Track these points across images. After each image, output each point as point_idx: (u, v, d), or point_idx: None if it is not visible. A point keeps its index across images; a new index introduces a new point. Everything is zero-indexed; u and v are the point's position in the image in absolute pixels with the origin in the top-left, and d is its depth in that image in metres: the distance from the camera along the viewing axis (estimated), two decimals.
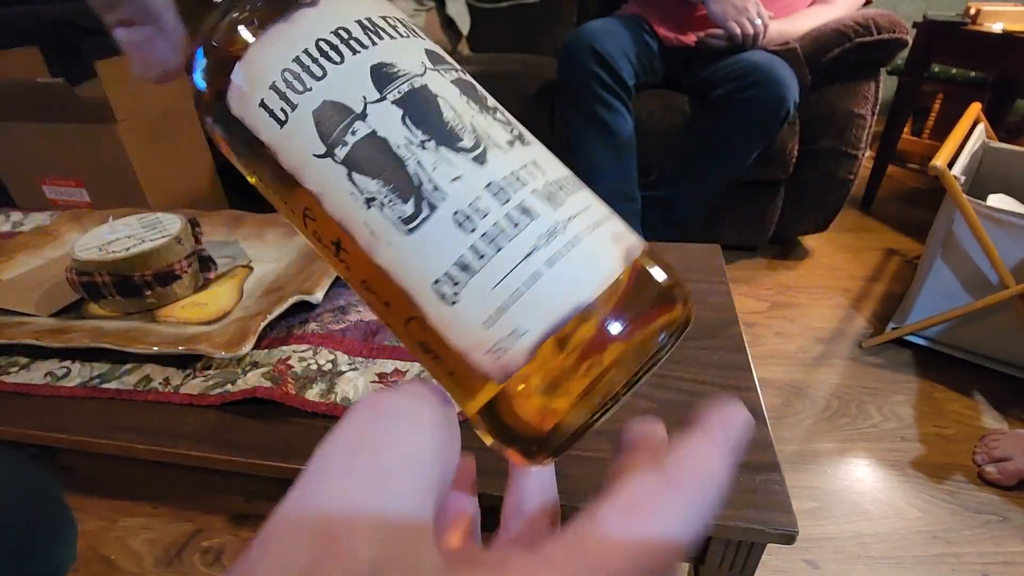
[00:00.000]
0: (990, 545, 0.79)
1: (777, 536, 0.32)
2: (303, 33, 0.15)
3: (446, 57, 0.17)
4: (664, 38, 1.30)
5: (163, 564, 0.81)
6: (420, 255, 0.14)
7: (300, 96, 0.15)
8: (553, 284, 0.14)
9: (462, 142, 0.15)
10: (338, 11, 0.16)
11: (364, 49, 0.15)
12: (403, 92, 0.15)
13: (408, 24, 0.17)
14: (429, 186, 0.14)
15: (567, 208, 0.15)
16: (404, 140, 0.15)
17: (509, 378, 0.14)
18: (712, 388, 0.42)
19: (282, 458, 0.38)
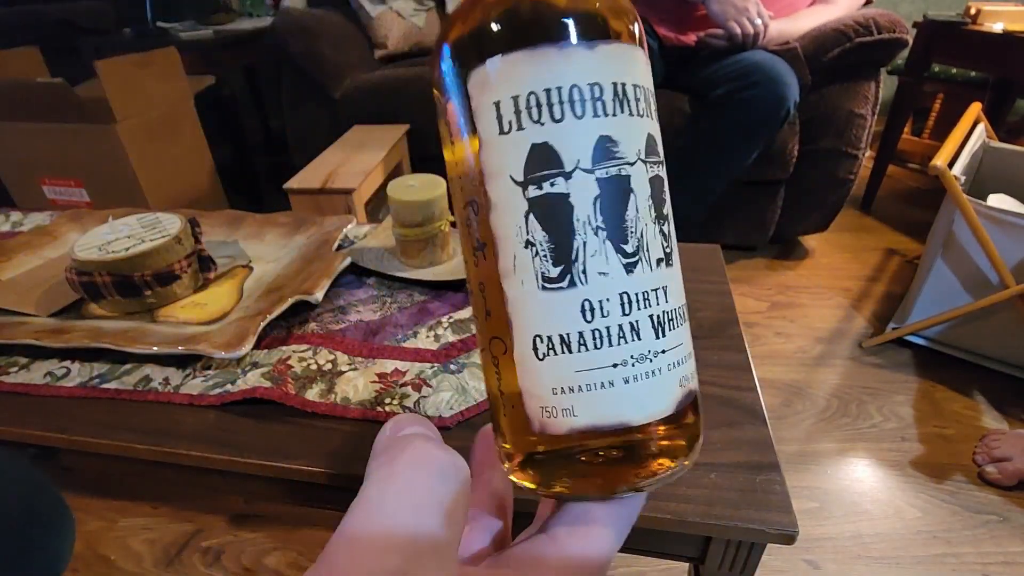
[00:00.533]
0: (990, 545, 0.79)
1: (777, 536, 0.32)
2: (567, 71, 0.15)
3: (658, 145, 0.17)
4: (664, 38, 1.30)
5: (163, 564, 0.81)
6: (539, 310, 0.16)
7: (531, 124, 0.15)
8: (617, 396, 0.16)
9: (626, 245, 0.16)
10: (603, 65, 0.16)
11: (603, 116, 0.15)
12: (609, 174, 0.15)
13: (648, 98, 0.17)
14: (580, 267, 0.16)
15: (665, 341, 0.16)
16: (586, 217, 0.15)
17: (544, 435, 0.17)
18: (712, 388, 0.42)
19: (282, 458, 0.38)
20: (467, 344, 0.47)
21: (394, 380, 0.44)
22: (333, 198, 1.04)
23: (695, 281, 0.56)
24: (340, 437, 0.39)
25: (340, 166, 1.12)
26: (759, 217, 1.42)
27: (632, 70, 0.16)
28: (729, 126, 1.20)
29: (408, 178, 0.58)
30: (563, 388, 0.16)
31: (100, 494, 0.91)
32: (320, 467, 0.37)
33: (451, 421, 0.40)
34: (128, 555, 0.82)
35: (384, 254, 0.61)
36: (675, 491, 0.34)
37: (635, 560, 0.79)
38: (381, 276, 0.58)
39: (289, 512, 0.87)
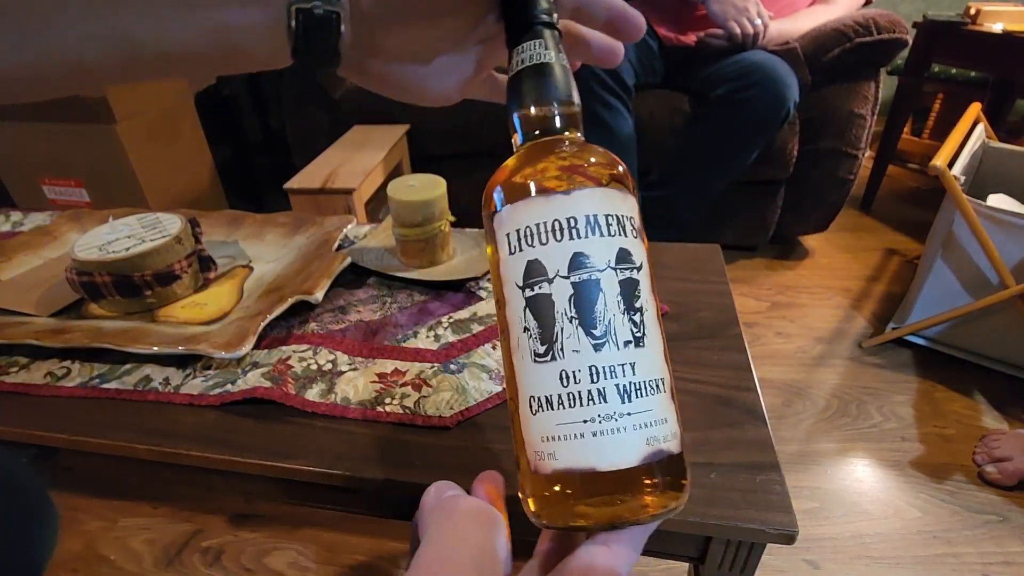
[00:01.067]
0: (990, 545, 0.79)
1: (777, 536, 0.32)
2: (549, 209, 0.22)
3: (631, 255, 0.22)
4: (664, 38, 1.30)
5: (163, 564, 0.81)
6: (532, 376, 0.22)
7: (526, 247, 0.22)
8: (586, 446, 0.20)
9: (595, 331, 0.21)
10: (576, 203, 0.22)
11: (577, 239, 0.21)
12: (582, 279, 0.21)
13: (623, 221, 0.22)
14: (558, 346, 0.21)
15: (632, 405, 0.21)
16: (563, 309, 0.21)
17: (535, 473, 0.22)
18: (713, 388, 0.42)
19: (282, 458, 0.38)
20: (467, 344, 0.47)
21: (394, 380, 0.44)
22: (333, 198, 1.04)
23: (695, 281, 0.56)
24: (340, 437, 0.39)
25: (340, 166, 1.12)
26: (759, 217, 1.42)
27: (604, 204, 0.22)
28: (729, 126, 1.20)
29: (408, 178, 0.58)
30: (548, 437, 0.21)
31: (100, 494, 0.91)
32: (320, 467, 0.37)
33: (451, 421, 0.40)
34: (128, 555, 0.82)
35: (384, 254, 0.61)
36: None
37: None
38: (381, 276, 0.58)
39: (289, 512, 0.87)
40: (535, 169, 0.23)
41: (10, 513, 0.37)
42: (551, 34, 0.24)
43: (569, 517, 0.21)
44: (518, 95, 0.24)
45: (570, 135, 0.25)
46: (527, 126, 0.25)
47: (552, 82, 0.24)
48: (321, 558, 0.81)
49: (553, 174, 0.22)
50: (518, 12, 0.24)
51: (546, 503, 0.21)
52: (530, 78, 0.24)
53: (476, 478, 0.25)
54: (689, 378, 0.43)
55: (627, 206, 0.23)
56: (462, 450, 0.38)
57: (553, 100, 0.24)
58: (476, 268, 0.57)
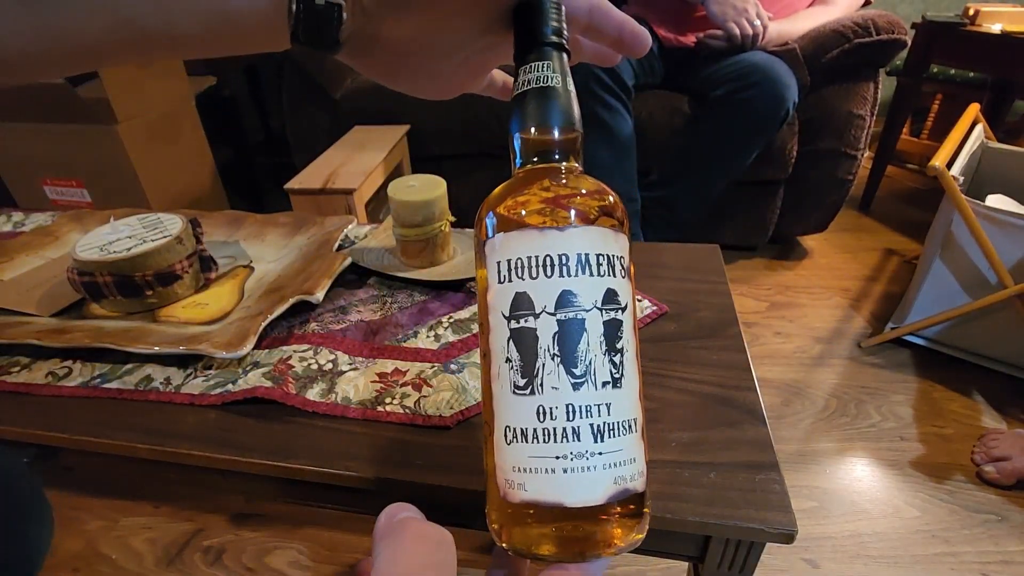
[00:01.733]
0: (989, 544, 0.80)
1: (776, 535, 0.32)
2: (542, 244, 0.22)
3: (619, 296, 0.22)
4: (664, 39, 1.30)
5: (164, 563, 0.81)
6: (509, 406, 0.22)
7: (516, 279, 0.22)
8: (556, 481, 0.21)
9: (575, 369, 0.21)
10: (568, 241, 0.22)
11: (566, 276, 0.21)
12: (567, 317, 0.21)
13: (613, 262, 0.22)
14: (539, 381, 0.21)
15: (604, 445, 0.21)
16: (546, 346, 0.21)
17: (504, 500, 0.22)
18: (712, 388, 0.42)
19: (283, 458, 0.38)
20: (467, 344, 0.48)
21: (394, 380, 0.44)
22: (334, 198, 1.04)
23: (695, 281, 0.56)
24: (341, 437, 0.40)
25: (341, 166, 1.12)
26: (758, 217, 1.43)
27: (597, 244, 0.22)
28: (728, 127, 1.20)
29: (408, 178, 0.58)
30: (519, 468, 0.21)
31: (101, 494, 0.91)
32: (321, 466, 0.37)
33: (451, 421, 0.40)
34: (129, 554, 0.82)
35: (384, 254, 0.61)
36: (675, 491, 0.34)
37: (635, 559, 0.79)
38: (381, 276, 0.58)
39: (290, 511, 0.87)
40: (531, 198, 0.23)
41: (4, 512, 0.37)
42: (559, 56, 0.24)
43: (533, 545, 0.21)
44: (520, 117, 0.24)
45: (568, 164, 0.24)
46: (526, 149, 0.24)
47: (555, 108, 0.24)
48: (322, 557, 0.81)
49: (549, 207, 0.22)
50: (528, 29, 0.24)
51: (512, 529, 0.22)
52: (533, 101, 0.24)
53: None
54: (688, 378, 0.43)
55: (618, 245, 0.23)
56: (462, 450, 0.38)
57: (555, 126, 0.24)
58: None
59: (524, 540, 0.22)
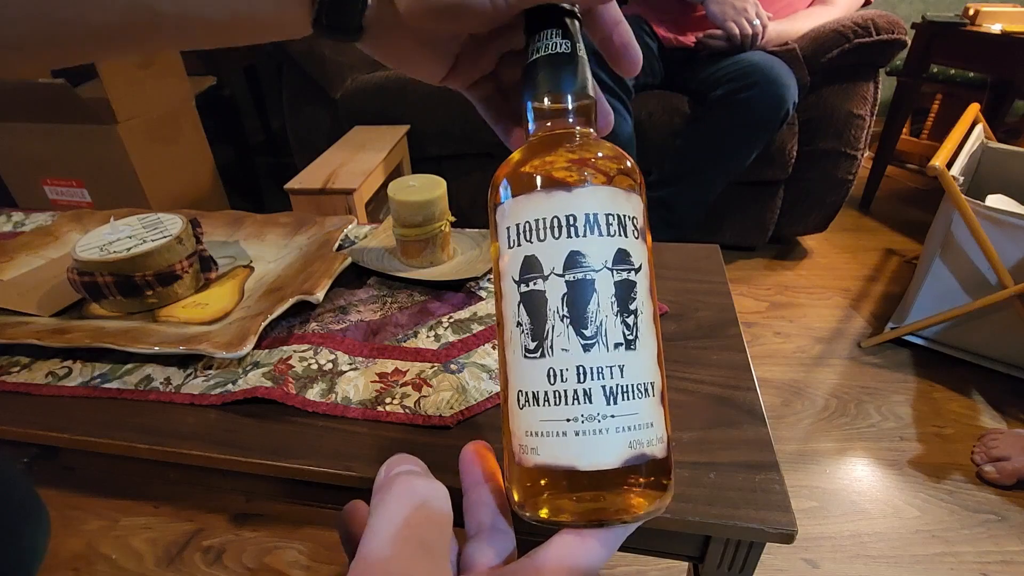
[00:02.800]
0: (988, 544, 0.80)
1: (776, 535, 0.32)
2: (549, 206, 0.21)
3: (631, 257, 0.22)
4: (663, 39, 1.31)
5: (164, 563, 0.81)
6: (521, 370, 0.22)
7: (525, 242, 0.22)
8: (567, 444, 0.20)
9: (585, 330, 0.21)
10: (577, 201, 0.21)
11: (575, 237, 0.21)
12: (576, 278, 0.21)
13: (624, 221, 0.22)
14: (548, 343, 0.21)
15: (616, 408, 0.21)
16: (555, 307, 0.21)
17: (519, 465, 0.22)
18: (712, 388, 0.42)
19: (283, 458, 0.38)
20: (467, 344, 0.48)
21: (394, 380, 0.44)
22: (334, 198, 1.04)
23: (695, 281, 0.56)
24: (341, 436, 0.40)
25: (341, 166, 1.12)
26: (758, 217, 1.43)
27: (606, 203, 0.22)
28: (728, 127, 1.20)
29: (408, 178, 0.58)
30: (532, 432, 0.21)
31: (101, 493, 0.91)
32: (321, 466, 0.37)
33: (451, 420, 0.40)
34: (129, 554, 0.83)
35: (384, 254, 0.61)
36: (675, 491, 0.34)
37: (635, 559, 0.79)
38: (381, 276, 0.58)
39: (290, 511, 0.87)
40: (541, 162, 0.23)
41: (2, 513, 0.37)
42: (571, 23, 0.23)
43: (550, 511, 0.21)
44: (532, 84, 0.24)
45: (582, 129, 0.24)
46: (539, 116, 0.24)
47: (568, 73, 0.23)
48: (322, 557, 0.81)
49: (557, 168, 0.22)
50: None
51: (529, 495, 0.22)
52: (546, 67, 0.23)
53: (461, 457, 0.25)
54: (689, 378, 0.43)
55: (631, 205, 0.22)
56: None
57: (567, 92, 0.23)
58: (476, 268, 0.57)
59: (540, 506, 0.21)
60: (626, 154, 0.24)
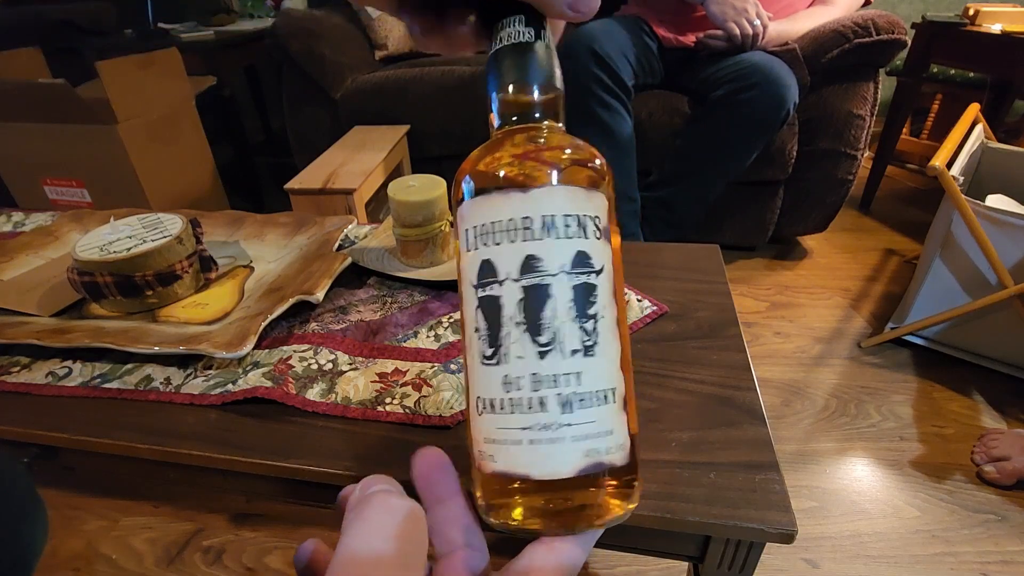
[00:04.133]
0: (989, 544, 0.80)
1: (776, 535, 0.32)
2: (505, 208, 0.21)
3: (590, 259, 0.21)
4: (663, 39, 1.30)
5: (164, 563, 0.81)
6: (479, 377, 0.21)
7: (481, 246, 0.21)
8: (522, 453, 0.20)
9: (540, 337, 0.20)
10: (534, 202, 0.21)
11: (530, 240, 0.20)
12: (531, 283, 0.20)
13: (584, 222, 0.21)
14: (504, 350, 0.20)
15: (572, 416, 0.20)
16: (511, 314, 0.20)
17: (479, 471, 0.22)
18: (712, 388, 0.42)
19: (283, 458, 0.38)
20: None
21: (394, 380, 0.44)
22: (334, 198, 1.04)
23: (694, 281, 0.56)
24: (341, 437, 0.40)
25: (341, 166, 1.12)
26: (758, 217, 1.43)
27: (565, 204, 0.21)
28: (728, 127, 1.20)
29: (408, 178, 0.58)
30: (489, 439, 0.21)
31: (101, 493, 0.91)
32: (321, 466, 0.37)
33: (451, 420, 0.40)
34: (129, 554, 0.82)
35: (384, 254, 0.61)
36: (675, 491, 0.34)
37: (635, 559, 0.79)
38: (381, 276, 0.58)
39: (290, 511, 0.87)
40: (497, 160, 0.22)
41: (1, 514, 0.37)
42: (534, 12, 0.22)
43: (515, 517, 0.21)
44: (497, 75, 0.23)
45: (549, 123, 0.23)
46: (503, 109, 0.23)
47: (534, 64, 0.22)
48: None
49: (515, 167, 0.21)
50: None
51: (492, 501, 0.21)
52: (510, 57, 0.22)
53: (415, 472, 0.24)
54: (688, 378, 0.43)
55: (593, 205, 0.21)
56: (462, 450, 0.38)
57: (532, 84, 0.22)
58: None
59: (506, 513, 0.21)
60: (593, 149, 0.23)
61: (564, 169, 0.21)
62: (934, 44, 1.51)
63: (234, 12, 2.17)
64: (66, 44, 1.69)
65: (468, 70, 1.39)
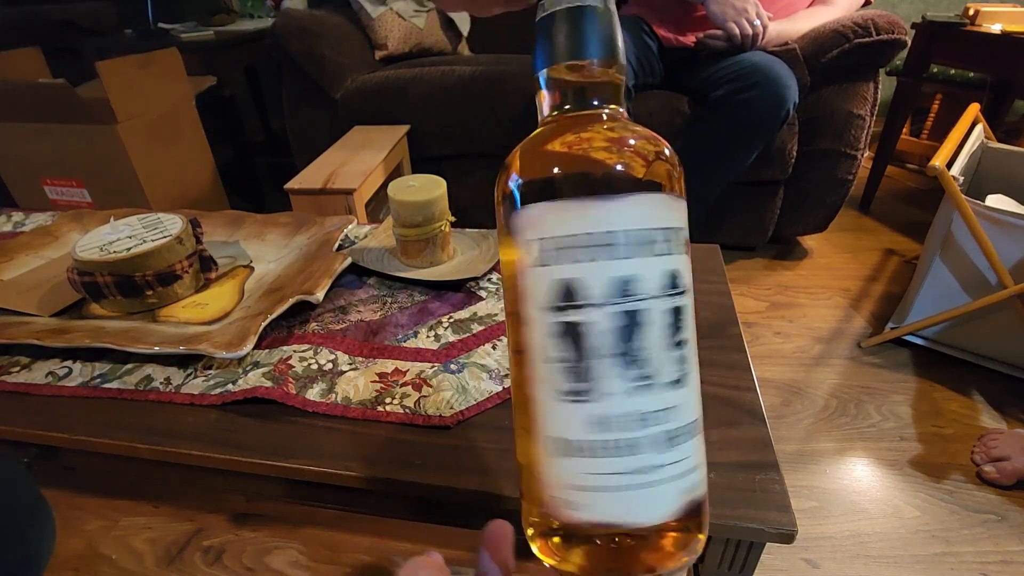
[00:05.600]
0: (988, 544, 0.80)
1: (776, 535, 0.32)
2: (586, 219, 0.17)
3: (680, 278, 0.18)
4: (663, 39, 1.30)
5: (164, 563, 0.81)
6: (555, 414, 0.18)
7: (556, 264, 0.17)
8: (616, 501, 0.17)
9: (637, 370, 0.17)
10: (623, 215, 0.17)
11: (620, 259, 0.17)
12: (624, 309, 0.17)
13: (670, 236, 0.18)
14: (591, 385, 0.17)
15: (669, 455, 0.18)
16: (600, 343, 0.17)
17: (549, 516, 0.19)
18: (712, 388, 0.42)
19: (282, 458, 0.38)
20: (467, 344, 0.48)
21: (394, 380, 0.44)
22: (334, 198, 1.04)
23: (695, 281, 0.56)
24: (341, 436, 0.40)
25: (341, 166, 1.12)
26: (758, 217, 1.43)
27: (654, 216, 0.18)
28: (728, 127, 1.20)
29: (408, 178, 0.58)
30: (571, 485, 0.18)
31: (101, 493, 0.91)
32: (321, 466, 0.37)
33: (451, 420, 0.40)
34: (129, 554, 0.82)
35: (384, 254, 0.61)
36: None
37: None
38: (382, 276, 0.58)
39: (290, 511, 0.87)
40: (568, 156, 0.18)
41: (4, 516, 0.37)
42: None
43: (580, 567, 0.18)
44: (548, 47, 0.19)
45: (610, 109, 0.19)
46: (556, 89, 0.19)
47: (594, 32, 0.18)
48: (322, 557, 0.81)
49: (594, 168, 0.18)
50: None
51: (557, 550, 0.19)
52: (566, 24, 0.18)
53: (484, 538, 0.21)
54: None
55: (678, 215, 0.19)
56: (462, 450, 0.38)
57: (594, 57, 0.18)
58: (476, 268, 0.57)
59: (571, 561, 0.18)
60: (664, 141, 0.19)
61: (650, 172, 0.18)
62: (934, 44, 1.51)
63: (234, 12, 2.17)
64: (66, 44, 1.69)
65: (468, 70, 1.39)
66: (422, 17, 1.66)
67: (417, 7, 1.65)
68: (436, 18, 1.70)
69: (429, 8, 1.67)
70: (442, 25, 1.71)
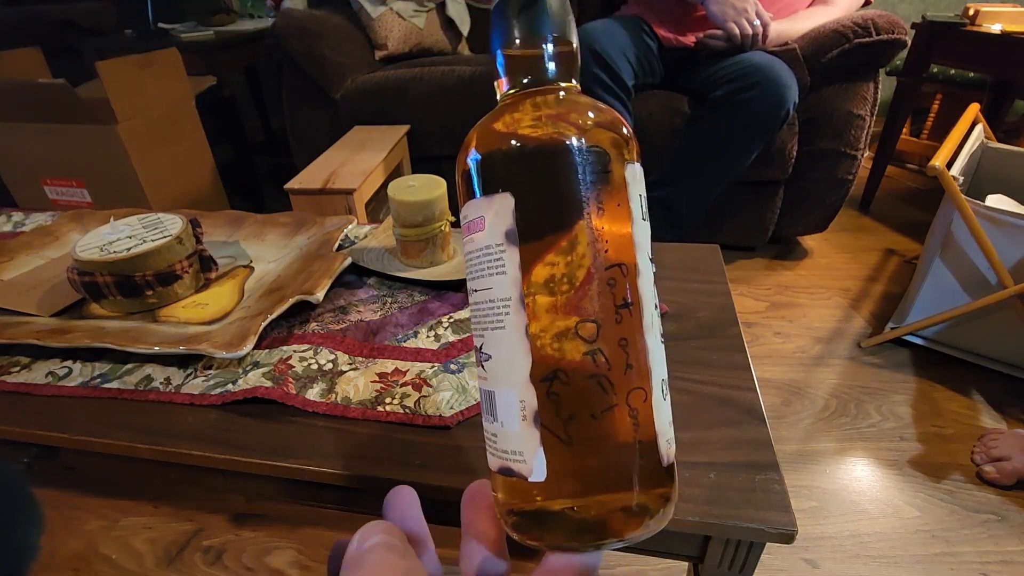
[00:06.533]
0: (988, 544, 0.80)
1: (776, 535, 0.32)
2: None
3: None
4: (663, 39, 1.30)
5: (164, 563, 0.81)
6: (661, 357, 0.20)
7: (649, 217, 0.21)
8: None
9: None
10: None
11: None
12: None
13: None
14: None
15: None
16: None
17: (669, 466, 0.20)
18: (712, 388, 0.42)
19: (283, 457, 0.38)
20: (467, 344, 0.48)
21: (394, 380, 0.44)
22: (334, 198, 1.04)
23: (694, 281, 0.56)
24: (340, 437, 0.40)
25: (341, 166, 1.12)
26: (758, 217, 1.43)
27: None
28: (728, 127, 1.20)
29: (408, 178, 0.58)
30: (671, 422, 0.20)
31: (101, 493, 0.91)
32: (321, 466, 0.37)
33: (451, 420, 0.40)
34: (129, 554, 0.82)
35: (384, 254, 0.61)
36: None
37: (635, 559, 0.79)
38: (381, 276, 0.58)
39: (290, 511, 0.87)
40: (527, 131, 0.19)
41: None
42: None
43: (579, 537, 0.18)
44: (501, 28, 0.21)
45: (567, 84, 0.21)
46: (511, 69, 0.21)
47: (545, 13, 0.20)
48: (322, 557, 0.81)
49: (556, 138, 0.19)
50: None
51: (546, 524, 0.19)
52: (517, 6, 0.20)
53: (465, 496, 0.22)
54: (688, 378, 0.43)
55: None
56: (462, 450, 0.38)
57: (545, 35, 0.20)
58: None
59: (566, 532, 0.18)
60: (614, 111, 0.21)
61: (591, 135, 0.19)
62: (934, 44, 1.51)
63: (234, 12, 2.17)
64: (66, 44, 1.69)
65: (468, 70, 1.39)
66: (422, 17, 1.66)
67: (417, 7, 1.65)
68: (436, 18, 1.70)
69: (429, 8, 1.67)
70: (442, 25, 1.71)
